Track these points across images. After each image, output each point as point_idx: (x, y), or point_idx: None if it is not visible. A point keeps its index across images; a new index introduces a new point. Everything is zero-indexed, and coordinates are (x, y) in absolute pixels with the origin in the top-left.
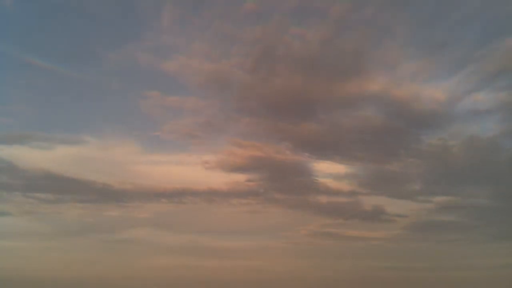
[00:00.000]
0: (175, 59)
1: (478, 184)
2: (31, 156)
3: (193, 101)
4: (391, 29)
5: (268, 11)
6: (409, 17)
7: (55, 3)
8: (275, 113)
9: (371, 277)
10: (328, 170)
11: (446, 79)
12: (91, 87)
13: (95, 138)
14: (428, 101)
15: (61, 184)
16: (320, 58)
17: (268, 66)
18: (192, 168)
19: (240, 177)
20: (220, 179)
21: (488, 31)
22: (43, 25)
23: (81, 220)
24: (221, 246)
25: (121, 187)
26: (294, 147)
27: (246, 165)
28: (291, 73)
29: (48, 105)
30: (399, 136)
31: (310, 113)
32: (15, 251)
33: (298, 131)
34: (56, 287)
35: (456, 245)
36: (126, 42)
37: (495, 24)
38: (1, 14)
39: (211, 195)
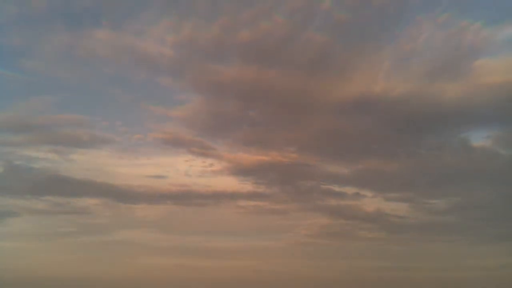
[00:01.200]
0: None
1: (476, 186)
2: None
3: (198, 108)
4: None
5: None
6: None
7: None
8: (278, 119)
9: (375, 277)
10: (332, 173)
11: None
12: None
13: (100, 141)
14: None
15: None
16: (319, 64)
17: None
18: (199, 171)
19: (246, 180)
20: (226, 182)
21: None
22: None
23: (89, 221)
24: (226, 246)
25: (127, 189)
26: (298, 151)
27: (252, 169)
28: (292, 80)
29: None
30: (399, 140)
31: (312, 117)
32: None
33: (301, 136)
34: (60, 287)
35: (455, 246)
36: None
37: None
38: None
39: (217, 197)
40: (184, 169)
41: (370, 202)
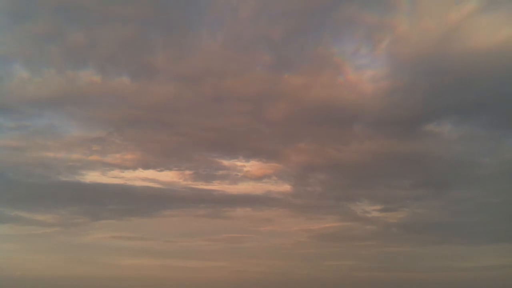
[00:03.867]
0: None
1: (473, 187)
2: None
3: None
4: None
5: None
6: None
7: None
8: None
9: (378, 278)
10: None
11: None
12: None
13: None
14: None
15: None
16: None
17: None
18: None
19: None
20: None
21: None
22: None
23: None
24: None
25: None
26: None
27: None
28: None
29: None
30: (398, 141)
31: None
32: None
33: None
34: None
35: (455, 247)
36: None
37: None
38: None
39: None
40: (190, 176)
41: (369, 203)
